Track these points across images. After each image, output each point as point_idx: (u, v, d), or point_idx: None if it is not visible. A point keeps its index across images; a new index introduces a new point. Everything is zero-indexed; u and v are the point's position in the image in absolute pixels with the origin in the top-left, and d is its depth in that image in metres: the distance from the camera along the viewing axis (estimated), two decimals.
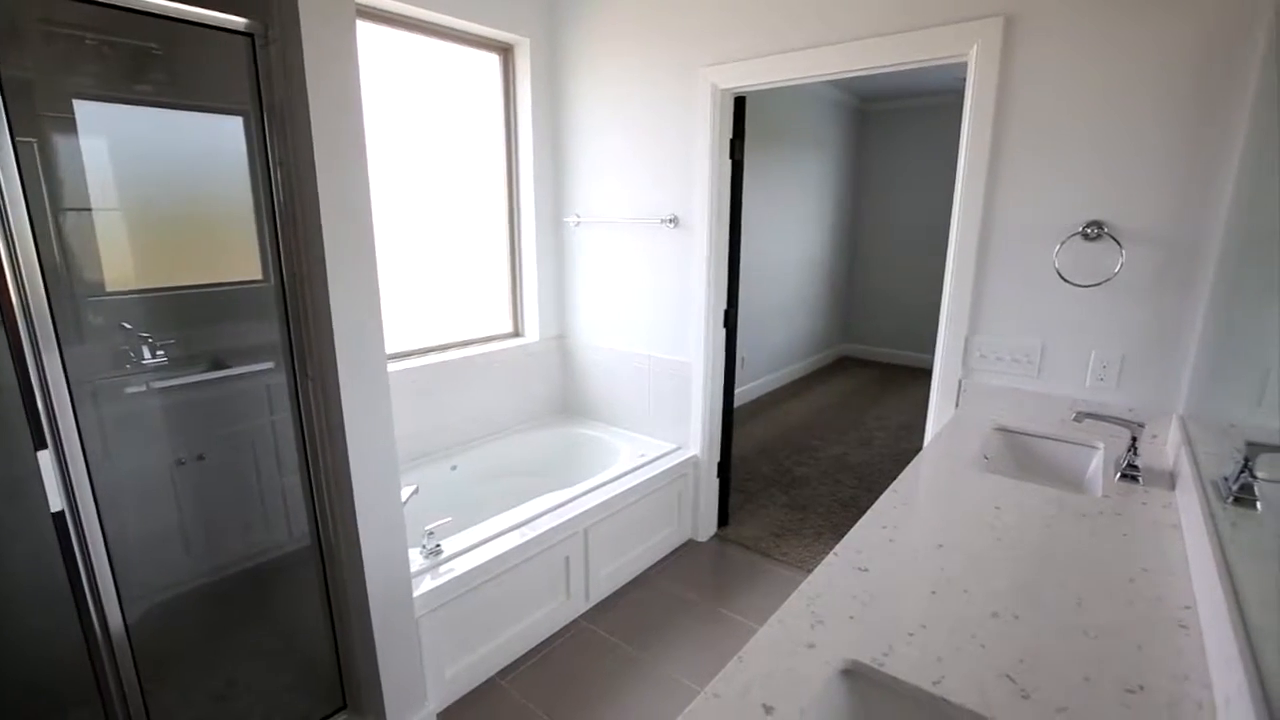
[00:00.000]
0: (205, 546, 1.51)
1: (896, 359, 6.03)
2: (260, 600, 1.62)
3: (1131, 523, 1.17)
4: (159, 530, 1.42)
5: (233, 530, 1.54)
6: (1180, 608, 0.92)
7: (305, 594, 1.62)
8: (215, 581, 1.53)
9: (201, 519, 1.49)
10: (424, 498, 2.19)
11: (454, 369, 2.58)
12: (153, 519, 1.41)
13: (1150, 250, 1.52)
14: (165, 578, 1.44)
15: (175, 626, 1.47)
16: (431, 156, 2.53)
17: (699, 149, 2.35)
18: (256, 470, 1.56)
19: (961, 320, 1.82)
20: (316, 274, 1.38)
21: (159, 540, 1.42)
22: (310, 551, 1.60)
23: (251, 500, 1.56)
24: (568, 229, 2.87)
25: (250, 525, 1.57)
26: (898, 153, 5.64)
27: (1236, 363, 1.27)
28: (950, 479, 1.37)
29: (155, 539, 1.42)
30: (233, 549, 1.55)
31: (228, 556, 1.54)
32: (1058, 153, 1.60)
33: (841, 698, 0.80)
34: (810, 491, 3.23)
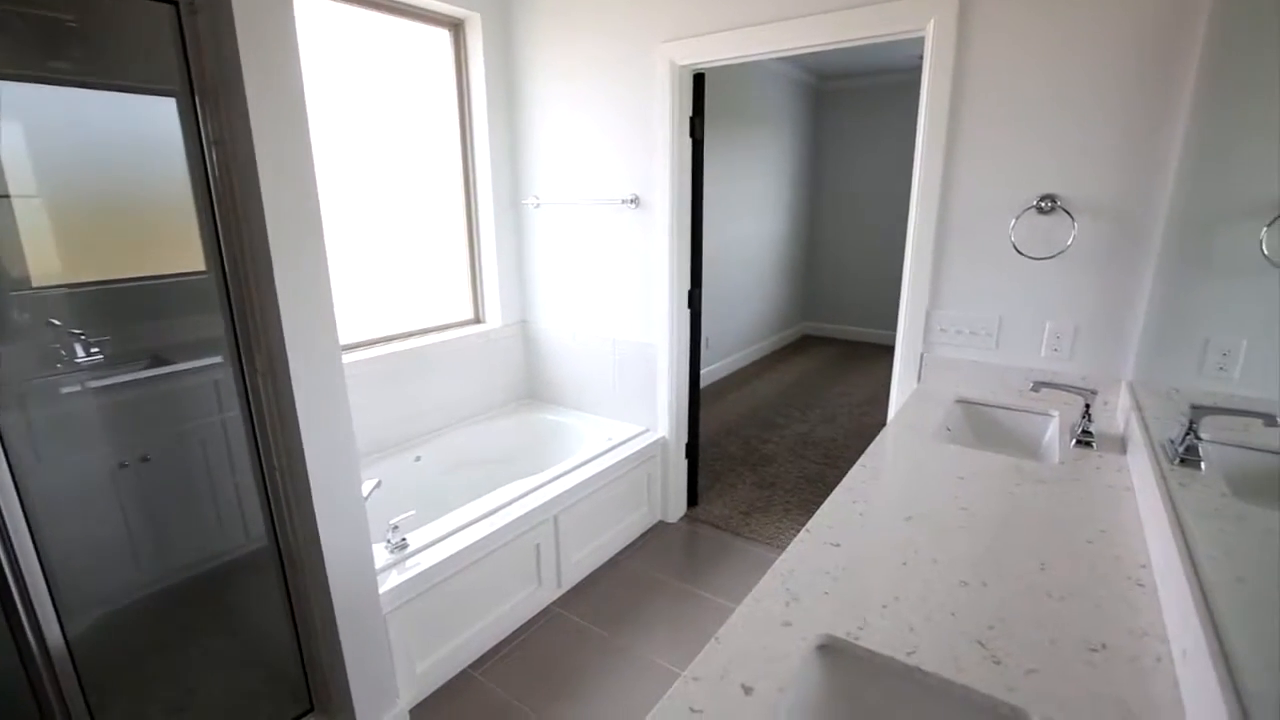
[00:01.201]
0: (155, 553, 1.43)
1: (857, 336, 6.15)
2: (218, 605, 1.56)
3: (1088, 487, 1.21)
4: (102, 538, 1.34)
5: (184, 534, 1.47)
6: (1137, 566, 0.95)
7: (265, 596, 1.56)
8: (168, 589, 1.46)
9: (149, 524, 1.41)
10: (387, 491, 2.13)
11: (414, 358, 2.51)
12: (94, 527, 1.33)
13: (1101, 223, 1.57)
14: (111, 588, 1.37)
15: (126, 638, 1.40)
16: (383, 138, 2.43)
17: (659, 127, 2.31)
18: (207, 470, 1.49)
19: (922, 295, 1.85)
20: (261, 262, 1.31)
21: (102, 549, 1.35)
22: (268, 552, 1.54)
23: (203, 502, 1.49)
24: (527, 211, 2.80)
25: (202, 528, 1.49)
26: (855, 131, 5.69)
27: (1179, 331, 1.32)
28: (915, 451, 1.40)
29: (98, 548, 1.34)
30: (185, 554, 1.47)
31: (180, 562, 1.47)
32: (1013, 127, 1.63)
33: (819, 673, 0.80)
34: (777, 469, 3.28)
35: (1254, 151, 1.10)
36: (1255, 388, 0.96)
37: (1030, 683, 0.73)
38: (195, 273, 1.37)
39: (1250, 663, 0.62)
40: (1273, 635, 0.63)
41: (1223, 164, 1.21)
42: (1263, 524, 0.83)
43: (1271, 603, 0.67)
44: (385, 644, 1.63)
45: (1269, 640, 0.62)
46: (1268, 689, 0.57)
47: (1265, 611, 0.66)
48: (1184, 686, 0.70)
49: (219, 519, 1.51)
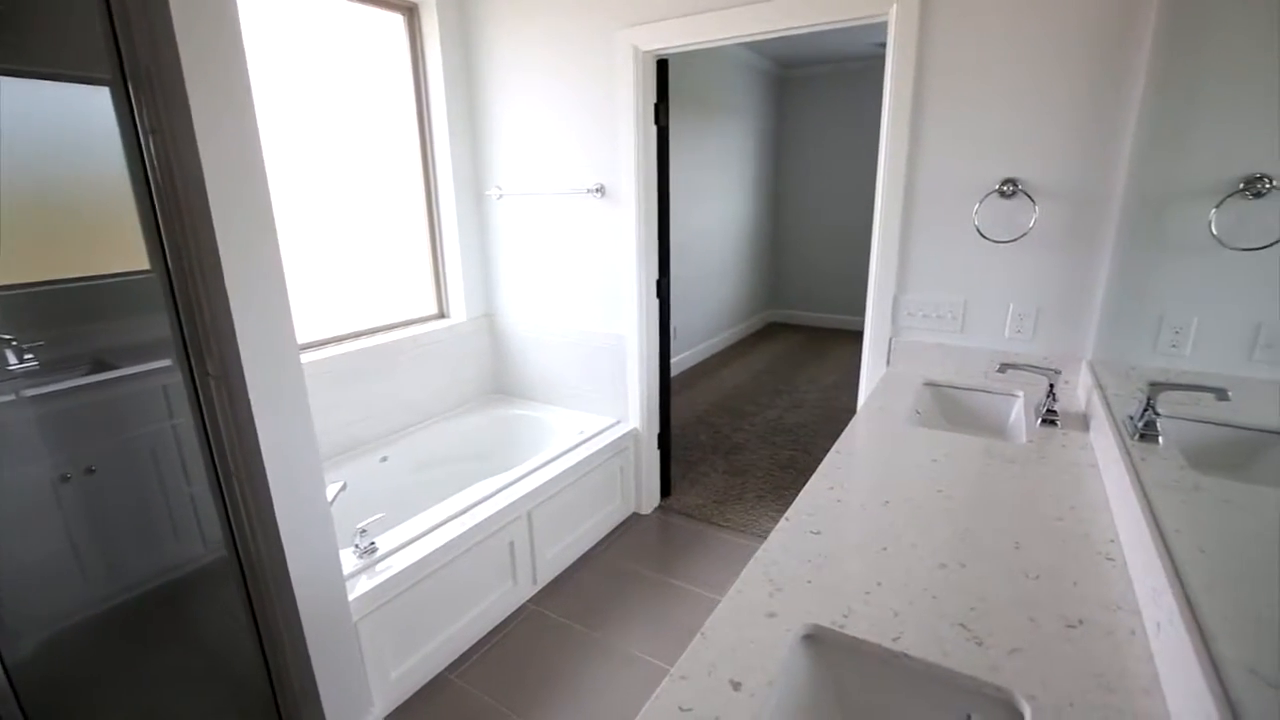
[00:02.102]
0: (104, 569, 1.35)
1: (822, 322, 6.23)
2: (175, 621, 1.48)
3: (1054, 465, 1.24)
4: (43, 556, 1.26)
5: (134, 548, 1.39)
6: (1106, 542, 0.97)
7: (226, 609, 1.49)
8: (120, 606, 1.38)
9: (96, 539, 1.33)
10: (353, 494, 2.06)
11: (377, 355, 2.43)
12: (36, 544, 1.24)
13: (1060, 206, 1.60)
14: (56, 608, 1.28)
15: (76, 660, 1.32)
16: (338, 129, 2.33)
17: (623, 115, 2.27)
18: (159, 480, 1.41)
19: (889, 280, 1.87)
20: (208, 258, 1.23)
21: (45, 567, 1.26)
22: (227, 563, 1.47)
23: (154, 513, 1.41)
24: (489, 203, 2.74)
25: (155, 541, 1.42)
26: (817, 118, 5.74)
27: (1134, 310, 1.36)
28: (888, 436, 1.41)
29: (40, 566, 1.25)
30: (137, 569, 1.39)
31: (132, 577, 1.39)
32: (975, 111, 1.65)
33: (806, 663, 0.80)
34: (749, 456, 3.30)
35: (1202, 135, 1.13)
36: (1205, 363, 0.99)
37: (1013, 662, 0.73)
38: (137, 272, 1.29)
39: (1222, 631, 0.63)
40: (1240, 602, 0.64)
41: (1173, 148, 1.25)
42: (1218, 494, 0.86)
43: (1236, 571, 0.69)
44: (356, 652, 1.58)
45: (1238, 608, 0.64)
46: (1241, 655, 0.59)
47: (1230, 580, 0.68)
48: (1159, 658, 0.72)
49: (173, 530, 1.43)
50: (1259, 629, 0.60)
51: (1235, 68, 1.02)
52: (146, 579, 1.41)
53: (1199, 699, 0.59)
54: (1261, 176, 0.88)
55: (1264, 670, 0.57)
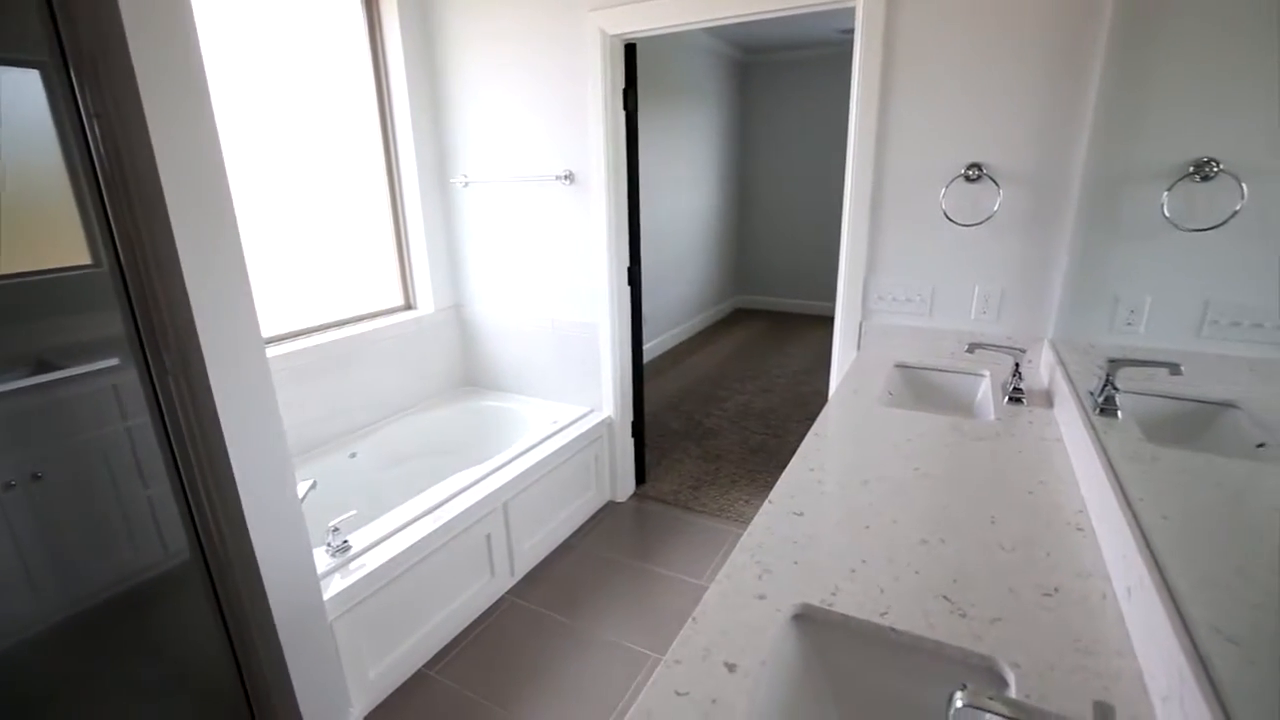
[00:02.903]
0: (56, 579, 1.28)
1: (789, 307, 6.31)
2: (138, 630, 1.42)
3: (1022, 441, 1.29)
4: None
5: (89, 556, 1.32)
6: (1075, 512, 1.01)
7: (193, 614, 1.44)
8: (75, 617, 1.31)
9: (45, 548, 1.26)
10: (323, 492, 2.01)
11: (342, 349, 2.36)
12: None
13: (1023, 190, 1.65)
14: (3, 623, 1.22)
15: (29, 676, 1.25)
16: (297, 117, 2.24)
17: (591, 100, 2.24)
18: (113, 484, 1.34)
19: (859, 264, 1.89)
20: (164, 250, 1.17)
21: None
22: (193, 566, 1.42)
23: (110, 519, 1.34)
24: (455, 191, 2.67)
25: (111, 547, 1.35)
26: (782, 105, 5.77)
27: (1093, 290, 1.42)
28: (863, 417, 1.44)
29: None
30: (92, 578, 1.33)
31: (86, 587, 1.32)
32: (943, 97, 1.67)
33: (797, 642, 0.81)
34: (721, 441, 3.33)
35: (1155, 121, 1.17)
36: (1159, 339, 1.03)
37: (995, 631, 0.76)
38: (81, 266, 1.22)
39: (1189, 592, 0.66)
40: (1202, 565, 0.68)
41: (1128, 133, 1.29)
42: (1175, 464, 0.90)
43: (1196, 536, 0.72)
44: (333, 653, 1.54)
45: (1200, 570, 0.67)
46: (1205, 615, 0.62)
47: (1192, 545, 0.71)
48: (1130, 620, 0.75)
49: (130, 536, 1.37)
50: (1218, 590, 0.64)
51: (1186, 57, 1.06)
52: (103, 588, 1.34)
53: (1170, 656, 0.62)
54: (1209, 160, 0.92)
55: (1225, 628, 0.60)
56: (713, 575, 2.21)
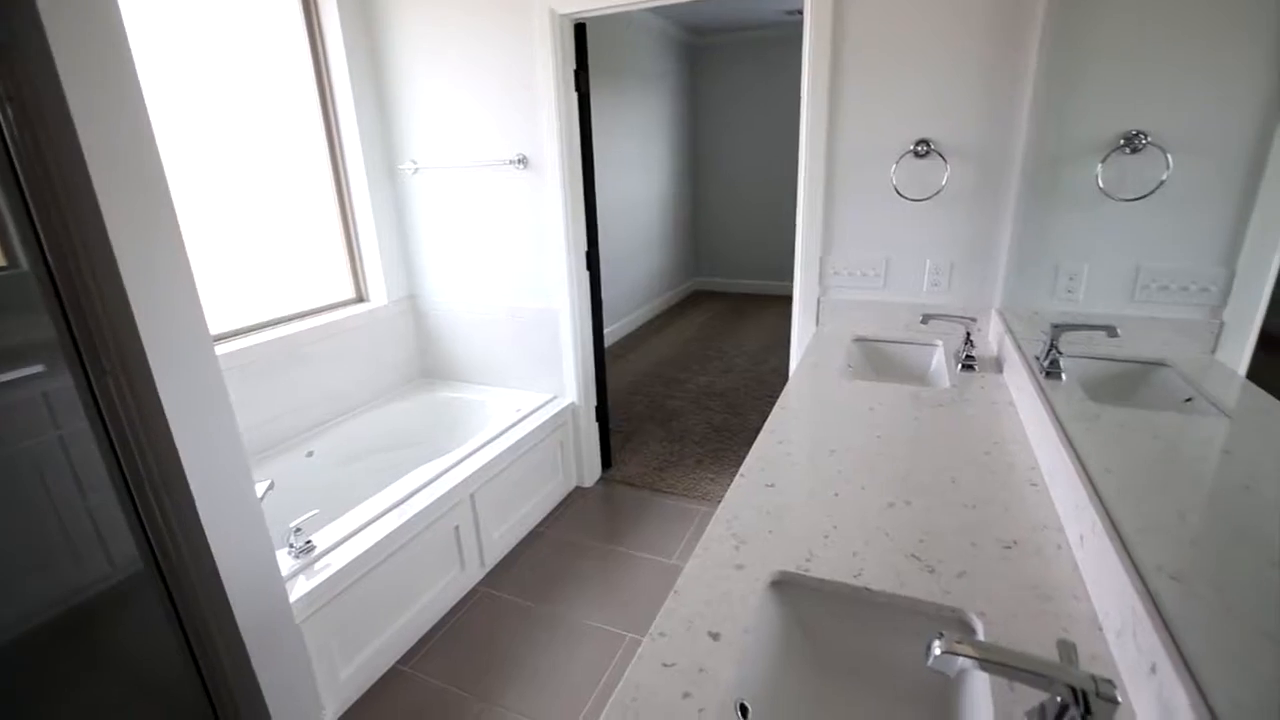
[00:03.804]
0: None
1: (746, 288, 6.39)
2: (90, 647, 1.35)
3: (976, 405, 1.34)
4: None
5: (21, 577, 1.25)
6: (1028, 469, 1.07)
7: (150, 626, 1.38)
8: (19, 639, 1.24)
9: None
10: (282, 492, 1.94)
11: (292, 345, 2.28)
12: None
13: (969, 165, 1.70)
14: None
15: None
16: (235, 106, 2.12)
17: (542, 82, 2.20)
18: (48, 497, 1.26)
19: (815, 242, 1.93)
20: (96, 246, 1.10)
21: None
22: (146, 577, 1.35)
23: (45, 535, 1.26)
24: (404, 178, 2.59)
25: (49, 565, 1.27)
26: (731, 86, 5.79)
27: (1035, 259, 1.48)
28: (825, 390, 1.48)
29: None
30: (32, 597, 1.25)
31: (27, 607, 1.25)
32: (891, 75, 1.71)
33: (776, 608, 0.83)
34: (684, 422, 3.36)
35: (1089, 96, 1.23)
36: (1096, 305, 1.09)
37: (961, 584, 0.80)
38: None
39: (1135, 536, 0.71)
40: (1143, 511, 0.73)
41: (1065, 108, 1.35)
42: (1115, 420, 0.96)
43: (1137, 485, 0.77)
44: (302, 655, 1.50)
45: (1142, 516, 0.72)
46: (1158, 558, 0.67)
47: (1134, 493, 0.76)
48: (1083, 566, 0.80)
49: (72, 551, 1.30)
50: (1160, 532, 0.69)
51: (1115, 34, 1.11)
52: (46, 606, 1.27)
53: (1122, 595, 0.67)
54: (1138, 133, 0.97)
55: (1168, 566, 0.65)
56: (683, 554, 2.24)
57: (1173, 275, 0.82)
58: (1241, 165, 0.68)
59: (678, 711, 0.65)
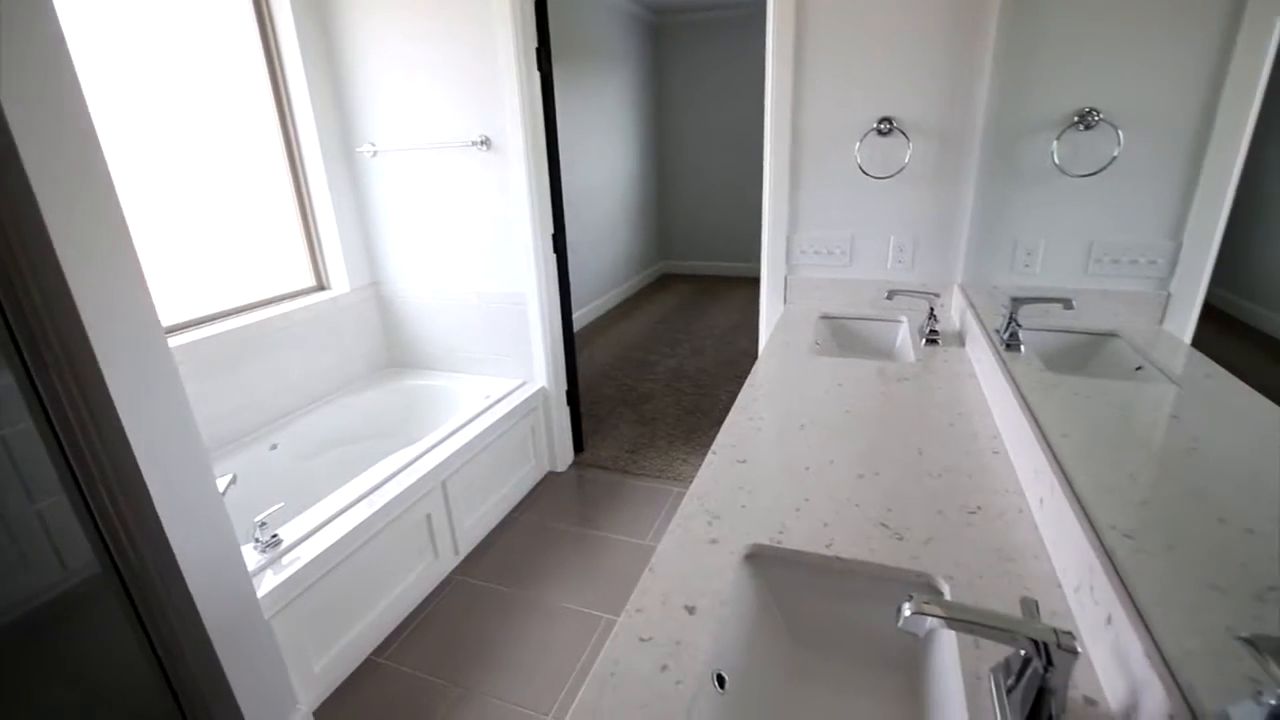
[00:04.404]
0: None
1: (714, 270, 6.41)
2: (45, 656, 1.30)
3: (940, 378, 1.38)
4: None
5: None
6: (990, 438, 1.10)
7: (109, 630, 1.33)
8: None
9: None
10: (245, 487, 1.89)
11: (251, 335, 2.21)
12: None
13: (931, 142, 1.73)
14: None
15: None
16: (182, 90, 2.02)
17: (504, 61, 2.15)
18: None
19: (782, 221, 1.94)
20: (31, 237, 1.04)
21: None
22: (104, 580, 1.30)
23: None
24: (363, 161, 2.52)
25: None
26: (696, 66, 5.75)
27: (994, 235, 1.52)
28: (794, 366, 1.49)
29: None
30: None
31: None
32: (853, 52, 1.72)
33: (751, 580, 0.84)
34: (656, 405, 3.38)
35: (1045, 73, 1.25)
36: (1053, 278, 1.12)
37: (929, 550, 0.82)
38: None
39: (1091, 497, 0.74)
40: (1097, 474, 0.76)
41: (1022, 84, 1.38)
42: (1071, 389, 0.99)
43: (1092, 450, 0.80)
44: (273, 651, 1.47)
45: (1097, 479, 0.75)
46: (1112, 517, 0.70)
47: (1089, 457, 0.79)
48: (1043, 528, 0.83)
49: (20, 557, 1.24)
50: (1114, 493, 0.72)
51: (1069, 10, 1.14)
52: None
53: (1080, 554, 0.70)
54: (1091, 110, 0.99)
55: (1121, 524, 0.68)
56: (657, 535, 2.26)
57: (1124, 249, 0.84)
58: (1187, 140, 0.70)
59: (656, 683, 0.65)
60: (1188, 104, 0.70)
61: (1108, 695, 0.60)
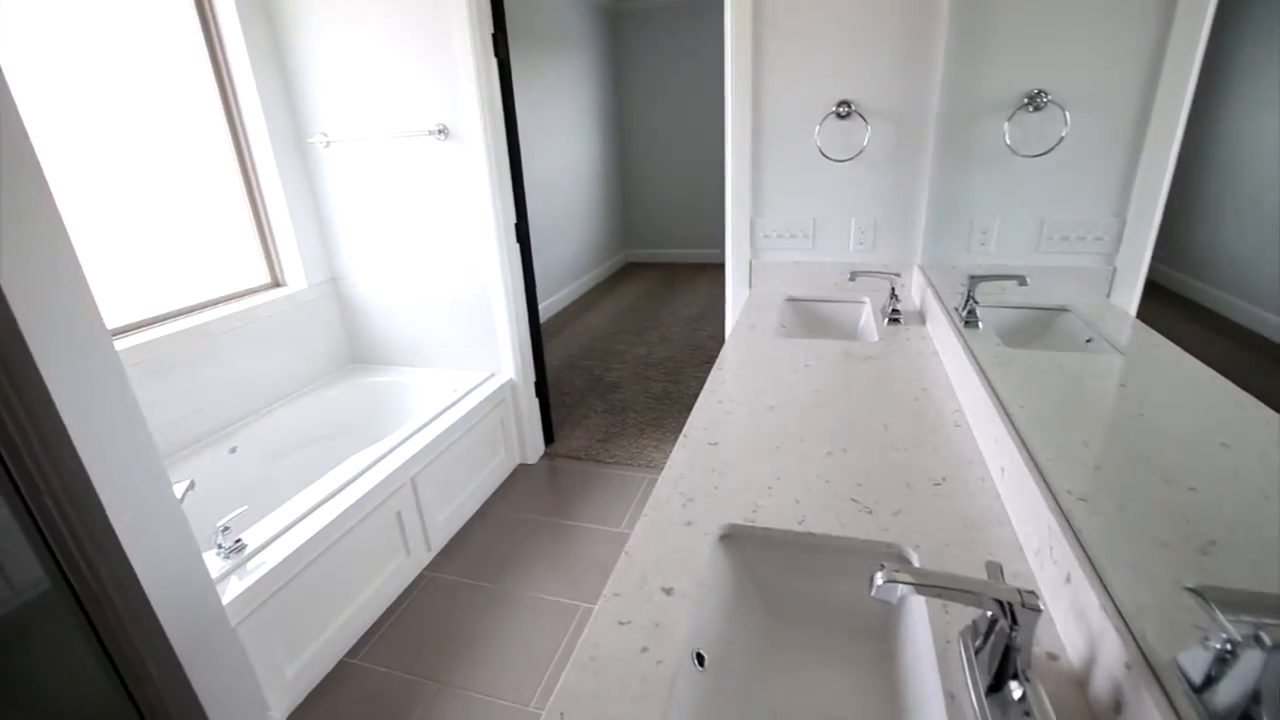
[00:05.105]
0: None
1: (678, 258, 6.42)
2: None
3: (903, 356, 1.41)
4: None
5: None
6: (953, 412, 1.13)
7: (65, 649, 1.28)
8: None
9: None
10: (205, 492, 1.83)
11: (203, 336, 2.12)
12: None
13: (889, 125, 1.76)
14: None
15: None
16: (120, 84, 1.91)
17: (460, 47, 2.10)
18: None
19: (745, 205, 1.95)
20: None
21: None
22: (56, 596, 1.25)
23: None
24: (315, 152, 2.43)
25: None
26: (656, 54, 5.72)
27: (951, 215, 1.55)
28: (761, 349, 1.51)
29: None
30: None
31: None
32: (813, 37, 1.73)
33: (727, 560, 0.85)
34: (625, 393, 3.38)
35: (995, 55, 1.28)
36: (1007, 256, 1.16)
37: (898, 521, 0.84)
38: None
39: (1048, 465, 0.77)
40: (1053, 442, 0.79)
41: (974, 67, 1.41)
42: (1026, 362, 1.03)
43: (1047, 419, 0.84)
44: (241, 659, 1.43)
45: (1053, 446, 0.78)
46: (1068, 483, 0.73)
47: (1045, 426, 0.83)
48: (1004, 495, 0.87)
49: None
50: (1069, 460, 0.75)
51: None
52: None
53: (1040, 518, 0.73)
54: (1040, 92, 1.02)
55: (1076, 489, 0.71)
56: (631, 522, 2.27)
57: (1072, 226, 0.87)
58: (1130, 119, 0.72)
59: (637, 665, 0.66)
60: (1129, 85, 0.72)
61: (1068, 649, 0.63)
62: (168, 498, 1.27)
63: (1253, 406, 0.48)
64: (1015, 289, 1.12)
